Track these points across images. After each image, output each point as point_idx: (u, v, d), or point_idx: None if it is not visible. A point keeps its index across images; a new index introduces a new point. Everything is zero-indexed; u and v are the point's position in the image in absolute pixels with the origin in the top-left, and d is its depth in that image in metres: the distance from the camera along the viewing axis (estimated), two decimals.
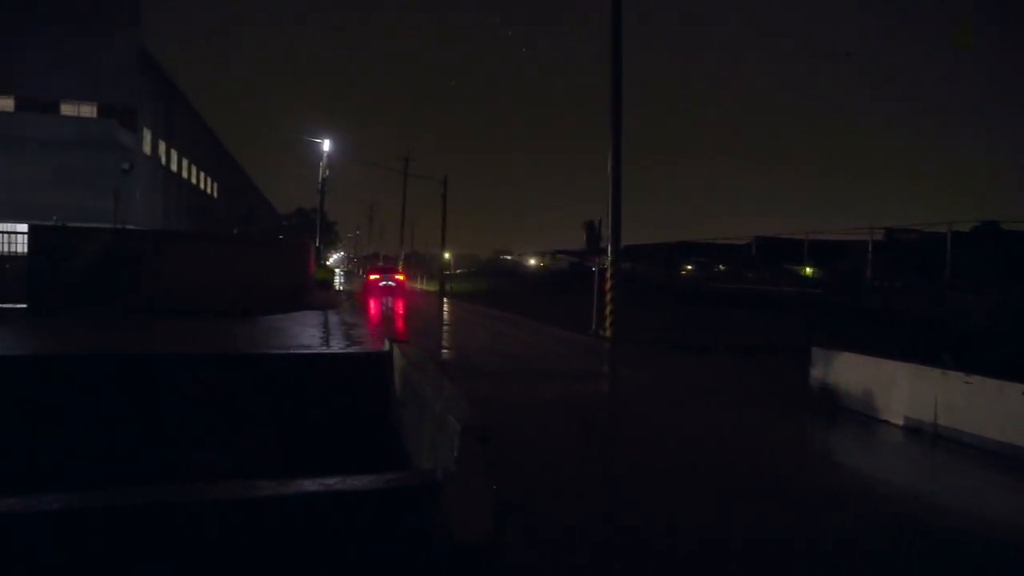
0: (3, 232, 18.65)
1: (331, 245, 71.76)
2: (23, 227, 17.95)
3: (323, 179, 40.11)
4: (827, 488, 5.32)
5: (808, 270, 26.14)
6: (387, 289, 31.33)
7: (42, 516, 2.29)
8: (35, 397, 4.17)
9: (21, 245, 17.53)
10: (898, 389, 7.21)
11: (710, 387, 9.71)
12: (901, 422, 7.10)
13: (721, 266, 31.98)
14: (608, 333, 15.38)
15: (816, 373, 8.47)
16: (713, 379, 10.45)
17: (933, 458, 6.30)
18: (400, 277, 34.73)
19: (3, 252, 18.01)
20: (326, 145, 39.31)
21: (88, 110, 33.04)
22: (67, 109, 32.92)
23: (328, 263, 54.17)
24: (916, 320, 15.06)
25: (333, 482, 2.65)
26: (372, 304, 25.31)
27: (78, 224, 22.61)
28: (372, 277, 33.63)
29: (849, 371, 7.96)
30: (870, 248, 20.61)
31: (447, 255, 50.59)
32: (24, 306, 16.15)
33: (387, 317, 20.55)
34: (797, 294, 22.27)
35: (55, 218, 24.65)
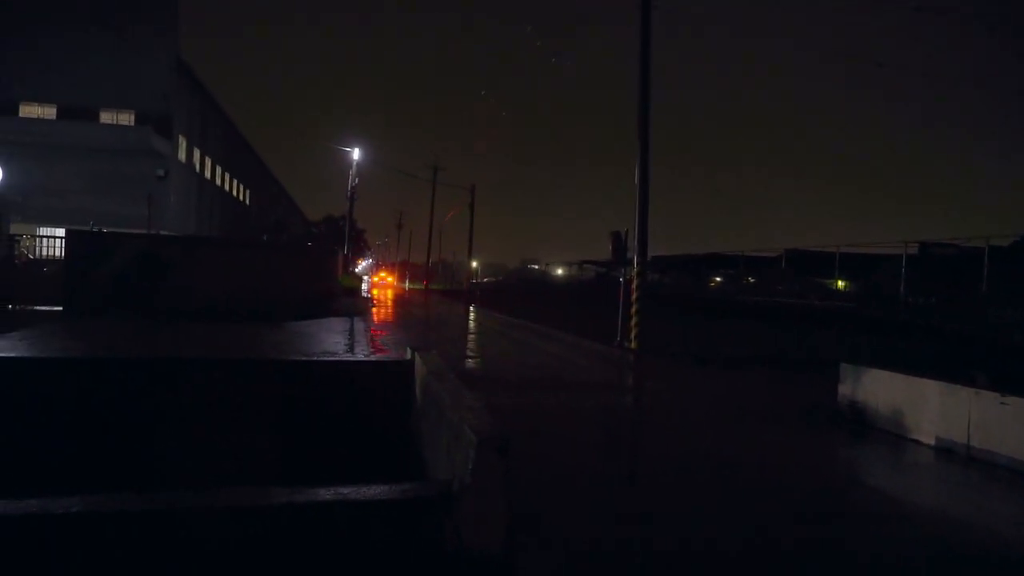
0: (43, 236, 19.20)
1: (360, 253, 72.41)
2: (61, 231, 18.45)
3: (352, 187, 40.53)
4: (855, 509, 5.19)
5: (840, 283, 25.75)
6: (384, 285, 57.85)
7: (60, 518, 2.31)
8: (52, 399, 4.24)
9: (59, 249, 18.02)
10: (929, 408, 7.02)
11: (736, 402, 9.56)
12: (932, 442, 6.90)
13: (750, 278, 31.66)
14: (633, 345, 15.26)
15: (844, 390, 8.29)
16: (739, 394, 10.29)
17: (966, 480, 6.10)
18: (390, 279, 64.78)
19: (43, 256, 18.54)
20: (356, 154, 39.74)
21: (126, 118, 33.89)
22: (106, 117, 33.79)
23: (356, 270, 54.78)
24: (951, 335, 14.72)
25: (347, 491, 2.63)
26: (376, 290, 45.46)
27: (114, 229, 23.21)
28: (375, 279, 58.44)
29: (879, 388, 7.78)
30: (904, 262, 20.23)
31: (474, 264, 50.75)
32: (60, 308, 16.56)
33: (383, 302, 32.65)
34: (828, 308, 21.93)
35: (91, 223, 25.31)
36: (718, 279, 35.90)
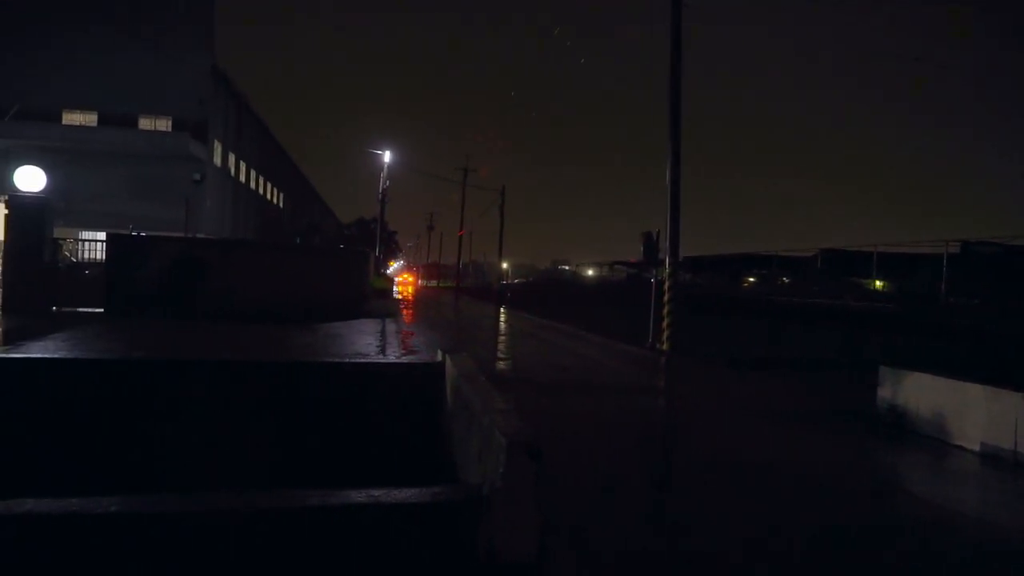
0: (85, 240, 19.70)
1: (391, 254, 73.15)
2: (102, 235, 18.90)
3: (383, 189, 40.92)
4: (898, 517, 5.05)
5: (877, 284, 25.12)
6: (405, 284, 60.94)
7: (100, 518, 2.34)
8: (87, 399, 4.32)
9: (100, 252, 18.47)
10: (974, 412, 6.81)
11: (771, 406, 9.40)
12: (977, 448, 6.69)
13: (785, 279, 31.10)
14: (666, 346, 15.08)
15: (884, 393, 8.09)
16: (774, 397, 10.12)
17: (1014, 488, 5.90)
18: (410, 279, 67.93)
19: (84, 259, 19.01)
20: (386, 156, 40.10)
21: (164, 124, 34.64)
22: (144, 123, 34.59)
23: (388, 272, 55.76)
24: (996, 338, 14.26)
25: (379, 494, 2.63)
26: (401, 288, 51.19)
27: (152, 232, 23.72)
28: (398, 279, 60.41)
29: (919, 392, 7.57)
30: (945, 262, 19.68)
31: (504, 265, 50.82)
32: (101, 310, 16.98)
33: (414, 303, 36.18)
34: (865, 309, 21.42)
35: (131, 227, 25.91)
36: (751, 279, 35.35)
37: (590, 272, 56.50)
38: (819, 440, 7.41)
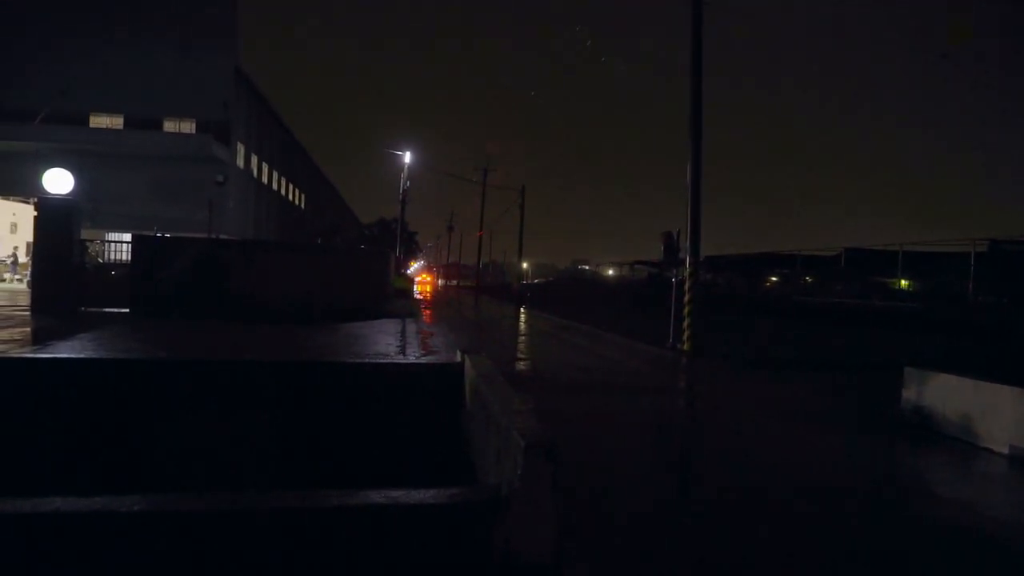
0: (111, 241, 20.04)
1: (411, 254, 73.58)
2: (128, 236, 19.22)
3: (404, 190, 41.16)
4: (927, 522, 4.97)
5: (903, 283, 24.77)
6: (423, 283, 58.27)
7: (124, 516, 2.37)
8: (106, 399, 4.37)
9: (126, 253, 18.78)
10: (1002, 415, 6.68)
11: (792, 407, 9.30)
12: (1006, 451, 6.56)
13: (807, 278, 30.80)
14: (686, 347, 15.01)
15: (908, 394, 7.96)
16: (796, 398, 10.01)
17: None
18: (428, 279, 65.81)
19: (111, 260, 19.34)
20: (407, 157, 40.33)
21: (188, 126, 35.14)
22: (169, 126, 35.12)
23: (409, 272, 56.18)
24: None
25: (398, 495, 2.64)
26: (421, 288, 50.91)
27: (176, 234, 24.07)
28: (418, 279, 58.82)
29: (945, 393, 7.44)
30: (972, 260, 19.35)
31: (525, 264, 50.89)
32: (127, 310, 17.27)
33: (434, 303, 35.53)
34: (890, 308, 21.13)
35: (155, 228, 26.30)
36: (774, 279, 35.04)
37: (610, 272, 56.46)
38: (843, 442, 7.31)
